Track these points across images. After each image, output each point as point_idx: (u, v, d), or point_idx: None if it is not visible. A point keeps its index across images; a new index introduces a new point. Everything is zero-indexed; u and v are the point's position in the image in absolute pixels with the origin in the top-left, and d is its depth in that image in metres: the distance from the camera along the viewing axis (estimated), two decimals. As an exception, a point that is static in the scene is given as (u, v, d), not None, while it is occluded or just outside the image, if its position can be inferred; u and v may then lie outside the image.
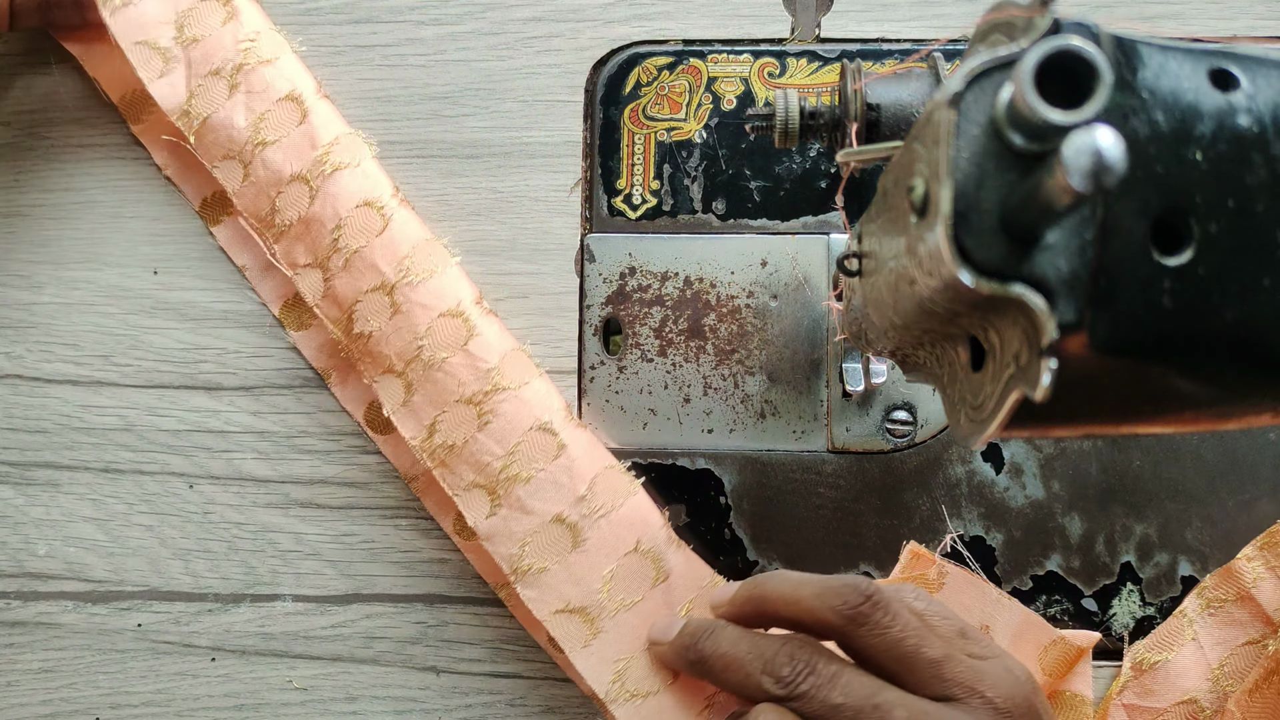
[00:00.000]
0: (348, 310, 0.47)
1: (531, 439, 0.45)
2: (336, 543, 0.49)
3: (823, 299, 0.49)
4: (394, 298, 0.47)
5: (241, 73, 0.48)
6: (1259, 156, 0.25)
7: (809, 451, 0.48)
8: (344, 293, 0.47)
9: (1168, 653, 0.45)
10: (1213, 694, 0.44)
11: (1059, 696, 0.45)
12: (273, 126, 0.48)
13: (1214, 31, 0.50)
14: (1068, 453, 0.48)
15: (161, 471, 0.49)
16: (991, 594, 0.45)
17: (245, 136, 0.48)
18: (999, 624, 0.44)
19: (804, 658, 0.37)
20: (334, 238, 0.47)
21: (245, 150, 0.48)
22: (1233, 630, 0.45)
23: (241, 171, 0.48)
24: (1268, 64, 0.26)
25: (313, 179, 0.47)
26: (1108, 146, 0.21)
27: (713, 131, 0.50)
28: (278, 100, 0.48)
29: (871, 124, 0.39)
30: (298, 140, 0.48)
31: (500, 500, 0.45)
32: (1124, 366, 0.26)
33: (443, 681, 0.48)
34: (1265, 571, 0.45)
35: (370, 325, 0.47)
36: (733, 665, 0.38)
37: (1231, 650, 0.45)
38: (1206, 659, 0.45)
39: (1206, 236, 0.25)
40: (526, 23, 0.51)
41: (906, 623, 0.37)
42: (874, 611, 0.37)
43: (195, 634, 0.48)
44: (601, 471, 0.45)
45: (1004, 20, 0.27)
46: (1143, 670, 0.45)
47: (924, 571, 0.45)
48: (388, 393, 0.47)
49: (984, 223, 0.25)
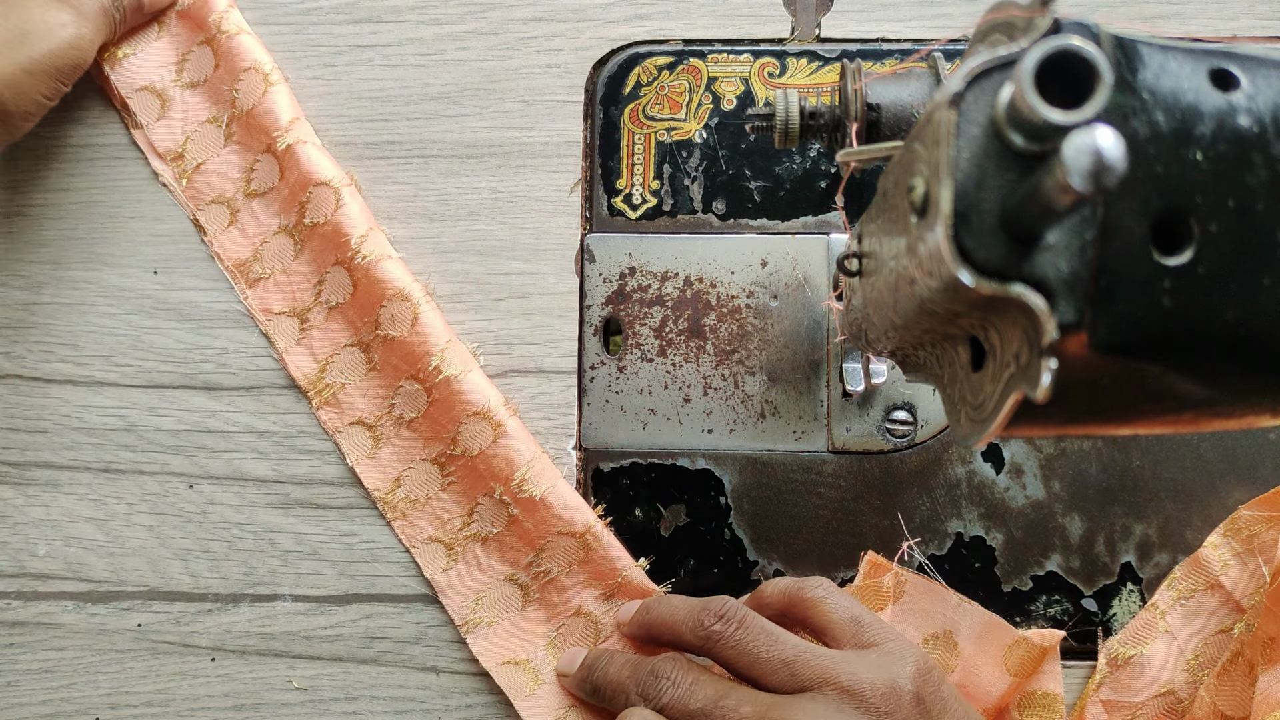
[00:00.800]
0: (322, 362, 0.49)
1: (489, 503, 0.47)
2: (336, 543, 0.49)
3: (823, 299, 0.49)
4: (370, 355, 0.48)
5: (236, 123, 0.50)
6: (1259, 156, 0.25)
7: (809, 451, 0.48)
8: (320, 345, 0.49)
9: (1143, 646, 0.45)
10: (1189, 684, 0.45)
11: (1031, 697, 0.46)
12: (263, 178, 0.50)
13: (1214, 31, 0.50)
14: (1068, 453, 0.48)
15: (161, 471, 0.49)
16: (951, 599, 0.46)
17: (237, 186, 0.50)
18: (962, 628, 0.45)
19: (667, 671, 0.42)
20: (316, 292, 0.49)
21: (235, 199, 0.50)
22: (1205, 620, 0.45)
23: (228, 217, 0.50)
24: (1268, 64, 0.26)
25: (297, 233, 0.49)
26: (1108, 146, 0.21)
27: (713, 131, 0.50)
28: (264, 151, 0.49)
29: (871, 124, 0.39)
30: (287, 196, 0.49)
31: (457, 556, 0.48)
32: (1124, 366, 0.26)
33: (443, 681, 0.48)
34: (1231, 559, 0.45)
35: (343, 378, 0.48)
36: (617, 689, 0.43)
37: (1205, 640, 0.45)
38: (1181, 650, 0.45)
39: (1207, 236, 0.25)
40: (526, 23, 0.51)
41: (757, 633, 0.41)
42: (726, 627, 0.41)
43: (195, 634, 0.48)
44: (553, 537, 0.47)
45: (1004, 20, 0.27)
46: (1118, 665, 0.45)
47: (878, 580, 0.46)
48: (352, 443, 0.48)
49: (984, 223, 0.25)
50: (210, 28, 0.50)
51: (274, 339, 0.49)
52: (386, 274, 0.48)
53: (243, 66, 0.49)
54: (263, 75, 0.49)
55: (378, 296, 0.48)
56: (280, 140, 0.49)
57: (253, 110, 0.49)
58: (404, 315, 0.47)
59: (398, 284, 0.48)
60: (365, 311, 0.48)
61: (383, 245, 0.48)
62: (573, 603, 0.47)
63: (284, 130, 0.49)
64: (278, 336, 0.49)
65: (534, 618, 0.47)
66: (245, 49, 0.49)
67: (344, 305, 0.49)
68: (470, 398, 0.47)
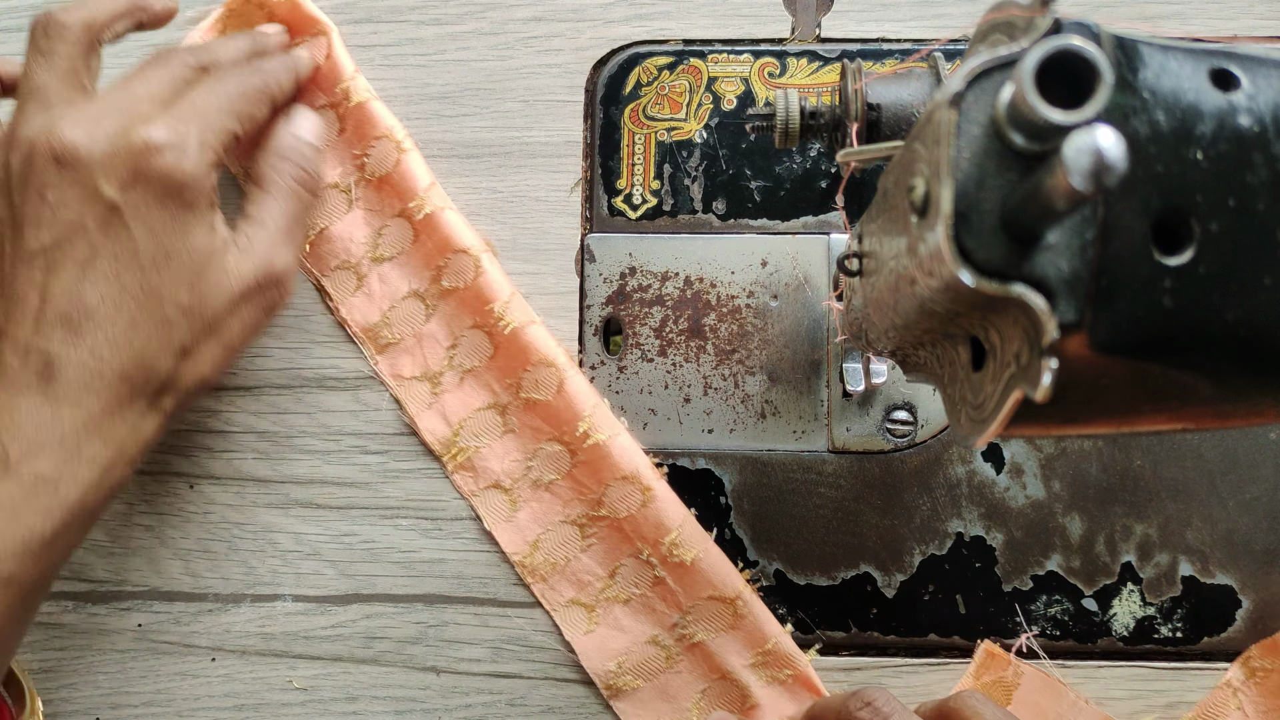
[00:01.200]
0: (455, 426, 0.48)
1: (633, 564, 0.47)
2: (336, 543, 0.49)
3: (823, 299, 0.49)
4: (507, 418, 0.48)
5: (360, 186, 0.50)
6: (1259, 156, 0.25)
7: (809, 451, 0.48)
8: (453, 408, 0.49)
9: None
10: None
11: None
12: (390, 243, 0.49)
13: (1215, 31, 0.50)
14: (1068, 452, 0.48)
15: (162, 471, 0.49)
16: (1068, 696, 0.45)
17: (364, 251, 0.50)
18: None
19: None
20: (450, 356, 0.49)
21: (362, 264, 0.49)
22: (1278, 699, 0.45)
23: (355, 283, 0.50)
24: (1268, 64, 0.26)
25: (429, 298, 0.49)
26: (1108, 146, 0.21)
27: (713, 131, 0.50)
28: (394, 216, 0.49)
29: (872, 124, 0.39)
30: (420, 260, 0.49)
31: (598, 619, 0.47)
32: (1125, 366, 0.26)
33: (443, 681, 0.48)
34: None
35: (477, 441, 0.48)
36: None
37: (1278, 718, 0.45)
38: None
39: (1207, 236, 0.25)
40: (527, 22, 0.51)
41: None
42: (873, 716, 0.40)
43: (195, 634, 0.48)
44: (702, 601, 0.46)
45: (1004, 20, 0.27)
46: None
47: (1001, 673, 0.45)
48: (490, 507, 0.48)
49: (985, 223, 0.25)
50: (337, 94, 0.49)
51: (405, 403, 0.49)
52: (532, 339, 0.48)
53: (375, 134, 0.49)
54: (395, 143, 0.49)
55: (521, 361, 0.48)
56: (419, 207, 0.49)
57: (386, 177, 0.49)
58: (549, 380, 0.47)
59: (542, 349, 0.47)
60: (505, 375, 0.48)
61: (527, 311, 0.48)
62: (719, 666, 0.46)
63: (422, 197, 0.49)
64: (409, 400, 0.49)
65: (679, 681, 0.47)
66: (376, 116, 0.49)
67: (480, 369, 0.48)
68: (619, 462, 0.47)
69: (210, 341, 0.42)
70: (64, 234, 0.40)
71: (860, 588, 0.48)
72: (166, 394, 0.42)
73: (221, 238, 0.42)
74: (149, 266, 0.41)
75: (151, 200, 0.41)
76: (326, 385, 0.50)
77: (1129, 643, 0.47)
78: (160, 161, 0.40)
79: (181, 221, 0.41)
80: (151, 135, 0.40)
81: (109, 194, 0.40)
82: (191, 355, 0.42)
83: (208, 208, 0.42)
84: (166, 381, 0.42)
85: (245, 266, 0.42)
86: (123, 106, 0.42)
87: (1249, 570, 0.47)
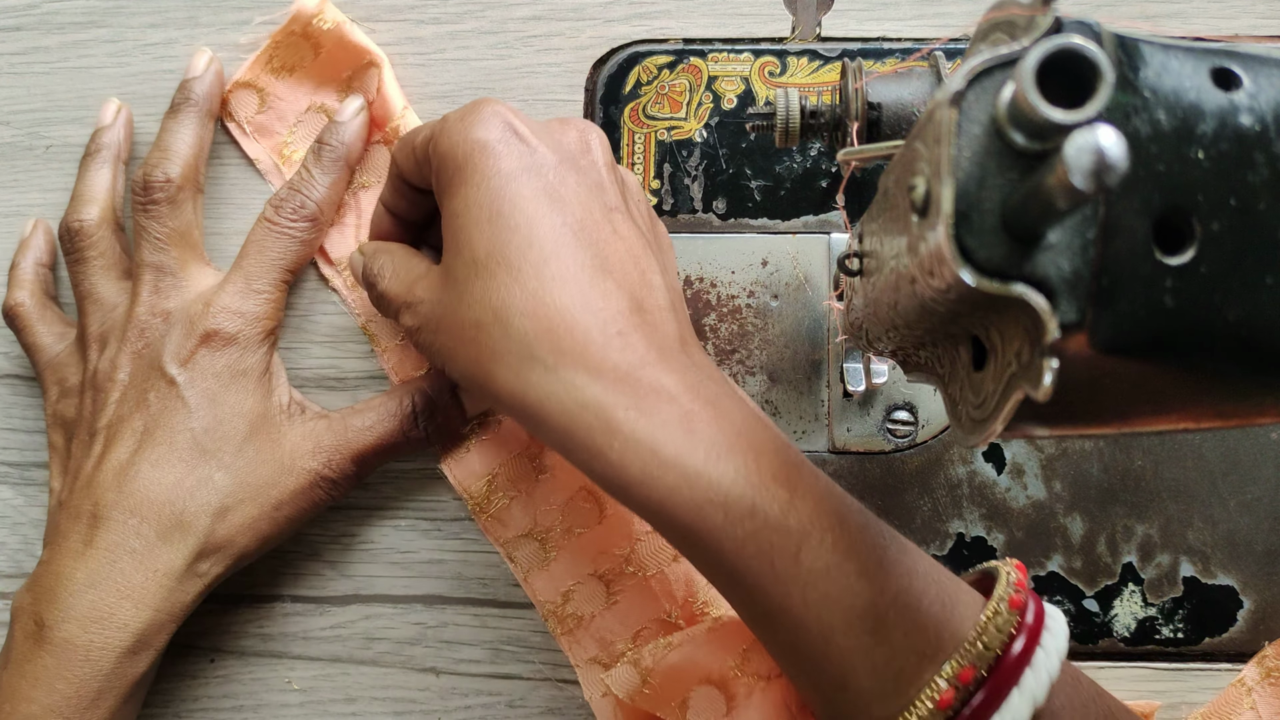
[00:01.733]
0: (484, 476, 0.47)
1: (653, 626, 0.46)
2: (336, 543, 0.49)
3: (823, 299, 0.49)
4: (536, 463, 0.47)
5: None
6: (1261, 155, 0.25)
7: (810, 451, 0.48)
8: (479, 467, 0.47)
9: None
10: None
11: None
12: None
13: (1216, 30, 0.50)
14: (1069, 453, 0.48)
15: (161, 472, 0.49)
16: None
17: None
18: None
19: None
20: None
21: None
22: None
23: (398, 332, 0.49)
24: (1270, 63, 0.26)
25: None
26: (1109, 145, 0.21)
27: (713, 131, 0.50)
28: None
29: (872, 123, 0.39)
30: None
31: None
32: (1126, 366, 0.26)
33: (442, 682, 0.48)
34: None
35: (511, 492, 0.47)
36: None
37: None
38: None
39: (1209, 235, 0.25)
40: (526, 21, 0.51)
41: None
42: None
43: (194, 634, 0.48)
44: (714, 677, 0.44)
45: (1005, 19, 0.27)
46: None
47: None
48: (523, 554, 0.47)
49: (985, 222, 0.25)
50: (388, 132, 0.49)
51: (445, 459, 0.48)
52: None
53: None
54: None
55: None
56: None
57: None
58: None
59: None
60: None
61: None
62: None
63: None
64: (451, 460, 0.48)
65: None
66: None
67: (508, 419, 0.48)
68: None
69: (249, 504, 0.44)
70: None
71: (861, 588, 0.48)
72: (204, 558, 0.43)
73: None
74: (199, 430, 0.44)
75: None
76: (326, 385, 0.49)
77: (1130, 643, 0.47)
78: (219, 327, 0.45)
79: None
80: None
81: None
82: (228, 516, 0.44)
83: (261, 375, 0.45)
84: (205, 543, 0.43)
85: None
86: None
87: (1250, 571, 0.47)
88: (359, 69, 0.50)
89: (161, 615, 0.42)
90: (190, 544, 0.42)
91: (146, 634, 0.42)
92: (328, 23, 0.49)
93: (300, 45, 0.50)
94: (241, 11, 0.51)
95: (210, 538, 0.43)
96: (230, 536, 0.43)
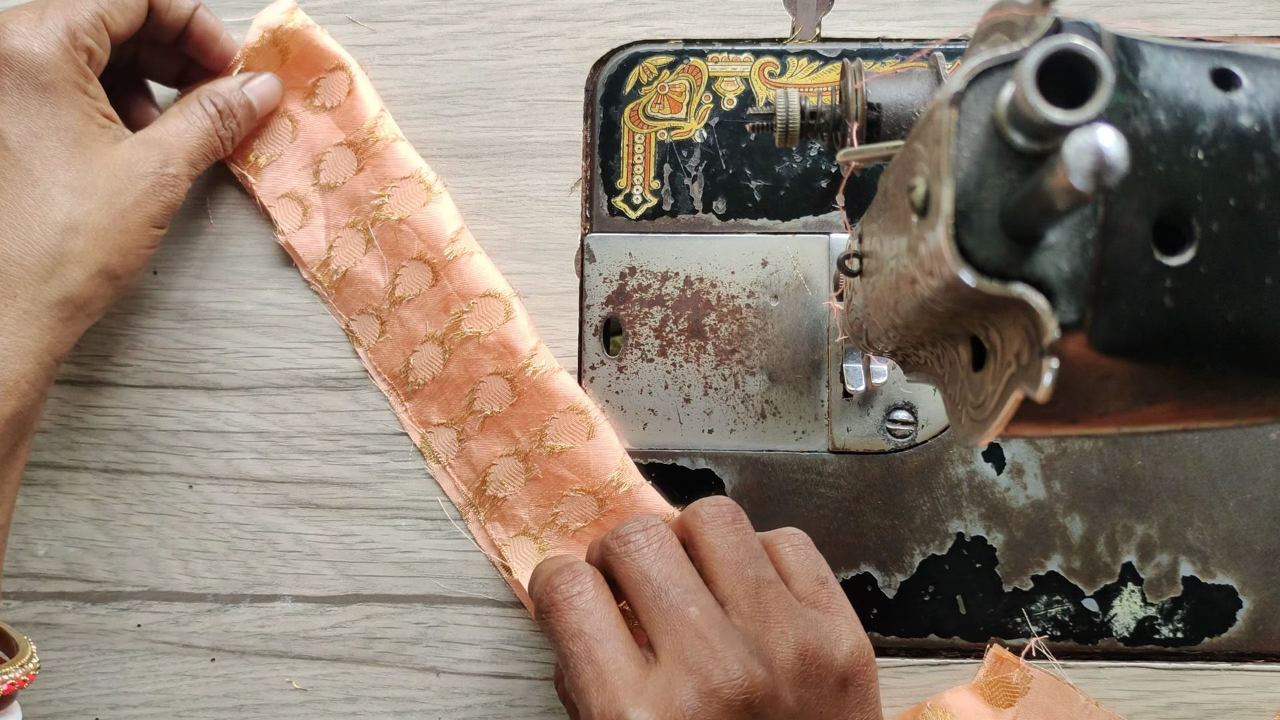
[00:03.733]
0: (481, 473, 0.48)
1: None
2: (336, 543, 0.49)
3: (823, 299, 0.49)
4: (528, 464, 0.48)
5: (376, 226, 0.49)
6: (1260, 156, 0.25)
7: (809, 451, 0.48)
8: (479, 456, 0.48)
9: None
10: None
11: None
12: (408, 284, 0.49)
13: (1215, 31, 0.50)
14: (1069, 453, 0.48)
15: (161, 471, 0.49)
16: (1079, 700, 0.45)
17: (383, 293, 0.49)
18: None
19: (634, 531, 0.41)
20: (469, 400, 0.48)
21: (383, 307, 0.49)
22: None
23: (378, 327, 0.49)
24: (1269, 63, 0.26)
25: (447, 341, 0.48)
26: (1109, 146, 0.21)
27: (713, 131, 0.50)
28: (411, 258, 0.49)
29: (872, 123, 0.39)
30: (432, 300, 0.48)
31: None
32: (1125, 366, 0.26)
33: (443, 682, 0.48)
34: None
35: (505, 490, 0.48)
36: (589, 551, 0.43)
37: None
38: None
39: (1208, 236, 0.25)
40: (526, 22, 0.51)
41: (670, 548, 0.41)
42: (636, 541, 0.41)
43: (194, 634, 0.48)
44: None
45: (1005, 20, 0.27)
46: None
47: (1006, 675, 0.45)
48: (517, 552, 0.48)
49: (985, 222, 0.25)
50: (361, 132, 0.49)
51: (438, 452, 0.49)
52: (559, 388, 0.47)
53: (400, 174, 0.49)
54: (425, 185, 0.49)
55: (548, 408, 0.47)
56: (448, 249, 0.48)
57: (408, 219, 0.48)
58: (579, 427, 0.47)
59: (571, 397, 0.47)
60: (529, 422, 0.48)
61: (550, 359, 0.48)
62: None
63: (450, 241, 0.48)
64: (441, 449, 0.49)
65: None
66: (402, 158, 0.49)
67: (500, 415, 0.48)
68: (651, 507, 0.47)
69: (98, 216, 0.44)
70: None
71: (861, 588, 0.48)
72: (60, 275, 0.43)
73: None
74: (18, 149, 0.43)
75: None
76: (326, 385, 0.49)
77: (1130, 643, 0.47)
78: (6, 45, 0.43)
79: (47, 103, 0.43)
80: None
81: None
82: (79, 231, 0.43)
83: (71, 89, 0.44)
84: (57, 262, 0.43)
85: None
86: None
87: (1250, 570, 0.47)
88: (325, 74, 0.50)
89: (32, 346, 0.42)
90: (44, 262, 0.42)
91: (19, 372, 0.42)
92: (293, 22, 0.49)
93: (269, 52, 0.50)
94: (242, 12, 0.51)
95: (63, 253, 0.43)
96: (86, 250, 0.43)
